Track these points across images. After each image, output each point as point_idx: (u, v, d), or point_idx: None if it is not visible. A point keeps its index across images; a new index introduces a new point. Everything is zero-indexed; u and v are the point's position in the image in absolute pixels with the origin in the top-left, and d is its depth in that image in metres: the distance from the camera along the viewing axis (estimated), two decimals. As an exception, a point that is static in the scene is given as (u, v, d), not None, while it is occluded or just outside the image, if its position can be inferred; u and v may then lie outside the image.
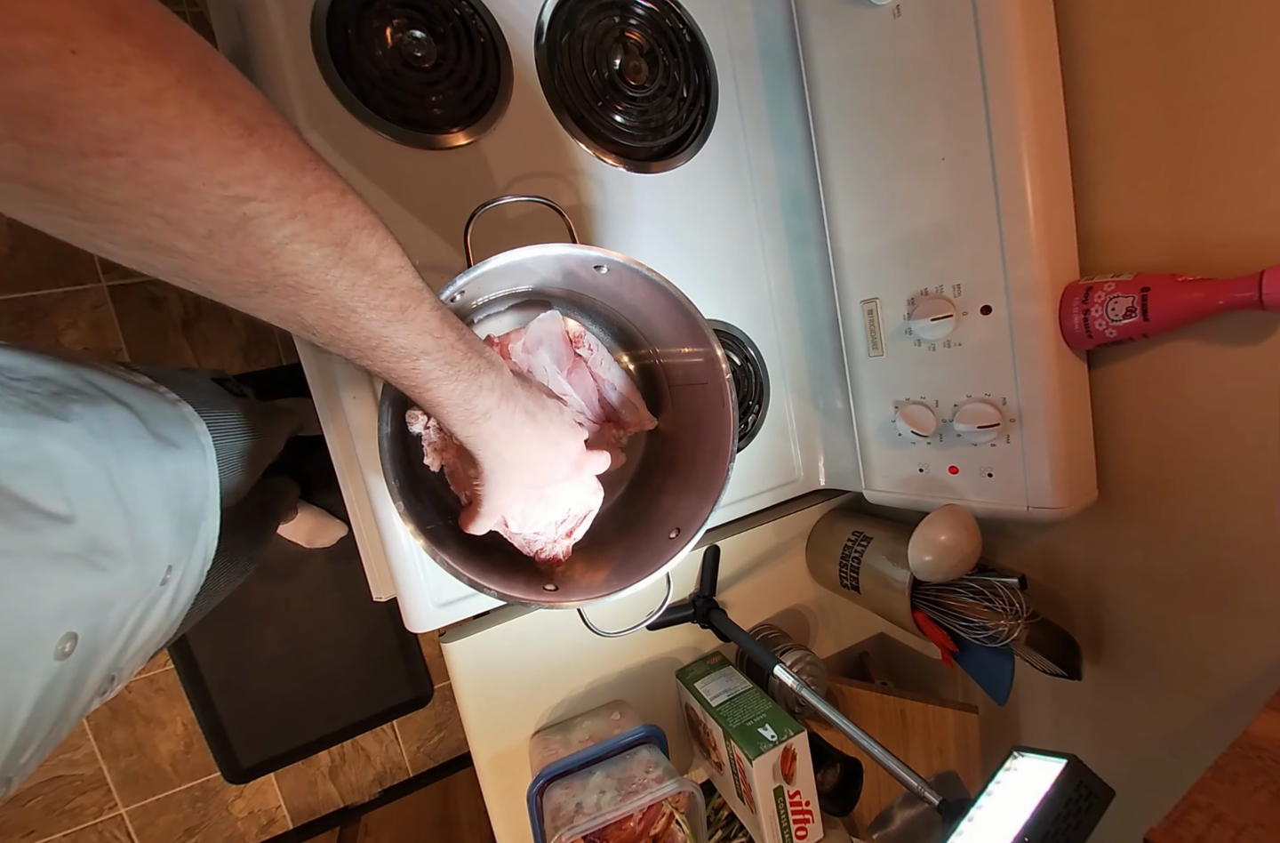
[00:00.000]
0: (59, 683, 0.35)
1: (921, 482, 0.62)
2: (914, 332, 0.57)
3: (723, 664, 0.68)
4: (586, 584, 0.47)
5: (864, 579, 0.68)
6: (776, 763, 0.55)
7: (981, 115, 0.49)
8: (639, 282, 0.45)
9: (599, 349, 0.52)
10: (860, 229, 0.60)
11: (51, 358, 0.43)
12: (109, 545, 0.38)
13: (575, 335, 0.51)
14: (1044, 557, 0.67)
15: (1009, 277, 0.51)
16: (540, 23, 0.56)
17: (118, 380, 0.47)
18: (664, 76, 0.61)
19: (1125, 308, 0.47)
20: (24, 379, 0.39)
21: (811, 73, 0.59)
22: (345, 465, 0.58)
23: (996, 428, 0.53)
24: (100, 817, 1.25)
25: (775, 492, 0.72)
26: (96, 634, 0.38)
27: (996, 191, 0.50)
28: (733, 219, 0.67)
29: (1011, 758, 0.41)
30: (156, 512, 0.44)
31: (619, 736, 0.59)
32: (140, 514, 0.42)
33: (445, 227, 0.53)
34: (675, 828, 0.54)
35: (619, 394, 0.53)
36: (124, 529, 0.40)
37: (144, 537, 0.42)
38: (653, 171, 0.62)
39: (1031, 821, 0.35)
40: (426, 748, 1.46)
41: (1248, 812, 0.36)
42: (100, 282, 1.13)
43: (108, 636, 0.39)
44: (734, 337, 0.68)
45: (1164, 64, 0.47)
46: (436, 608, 0.56)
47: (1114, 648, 0.64)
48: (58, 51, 0.16)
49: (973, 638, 0.59)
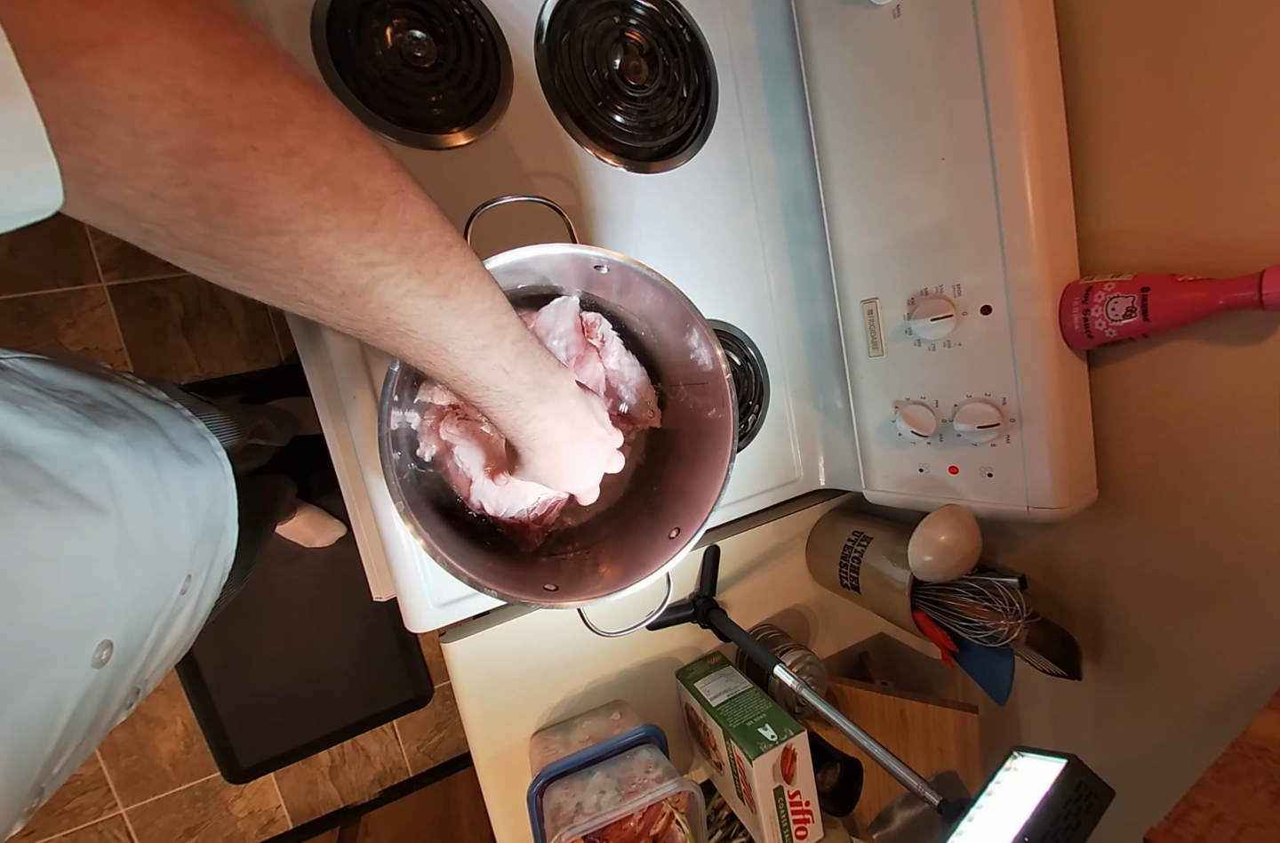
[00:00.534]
0: (94, 692, 0.35)
1: (921, 482, 0.62)
2: (914, 332, 0.57)
3: (723, 664, 0.68)
4: (586, 584, 0.47)
5: (864, 579, 0.68)
6: (776, 763, 0.55)
7: (981, 115, 0.49)
8: (639, 281, 0.45)
9: (613, 341, 0.52)
10: (860, 229, 0.60)
11: (81, 372, 0.44)
12: (140, 551, 0.39)
13: (589, 324, 0.51)
14: (1044, 557, 0.67)
15: (1009, 277, 0.51)
16: (540, 23, 0.56)
17: (140, 396, 0.48)
18: (664, 76, 0.61)
19: (1125, 308, 0.47)
20: (60, 391, 0.40)
21: (811, 73, 0.59)
22: (345, 465, 0.58)
23: (996, 428, 0.53)
24: (100, 817, 1.25)
25: (775, 492, 0.72)
26: (128, 643, 0.38)
27: (996, 191, 0.50)
28: (733, 219, 0.67)
29: (1011, 758, 0.41)
30: (182, 522, 0.45)
31: (619, 736, 0.59)
32: (169, 523, 0.43)
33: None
34: (675, 828, 0.54)
35: (630, 389, 0.53)
36: (154, 537, 0.41)
37: (169, 546, 0.43)
38: (653, 171, 0.62)
39: (1031, 821, 0.35)
40: (426, 748, 1.46)
41: (1248, 812, 0.36)
42: (100, 282, 1.13)
43: (135, 645, 0.39)
44: (734, 337, 0.68)
45: (1164, 64, 0.47)
46: (436, 608, 0.56)
47: (1114, 648, 0.64)
48: (243, 148, 0.19)
49: (973, 638, 0.59)
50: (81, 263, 1.12)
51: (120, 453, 0.39)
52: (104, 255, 1.12)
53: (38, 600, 0.30)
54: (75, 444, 0.36)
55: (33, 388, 0.38)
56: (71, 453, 0.35)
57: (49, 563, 0.31)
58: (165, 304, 1.17)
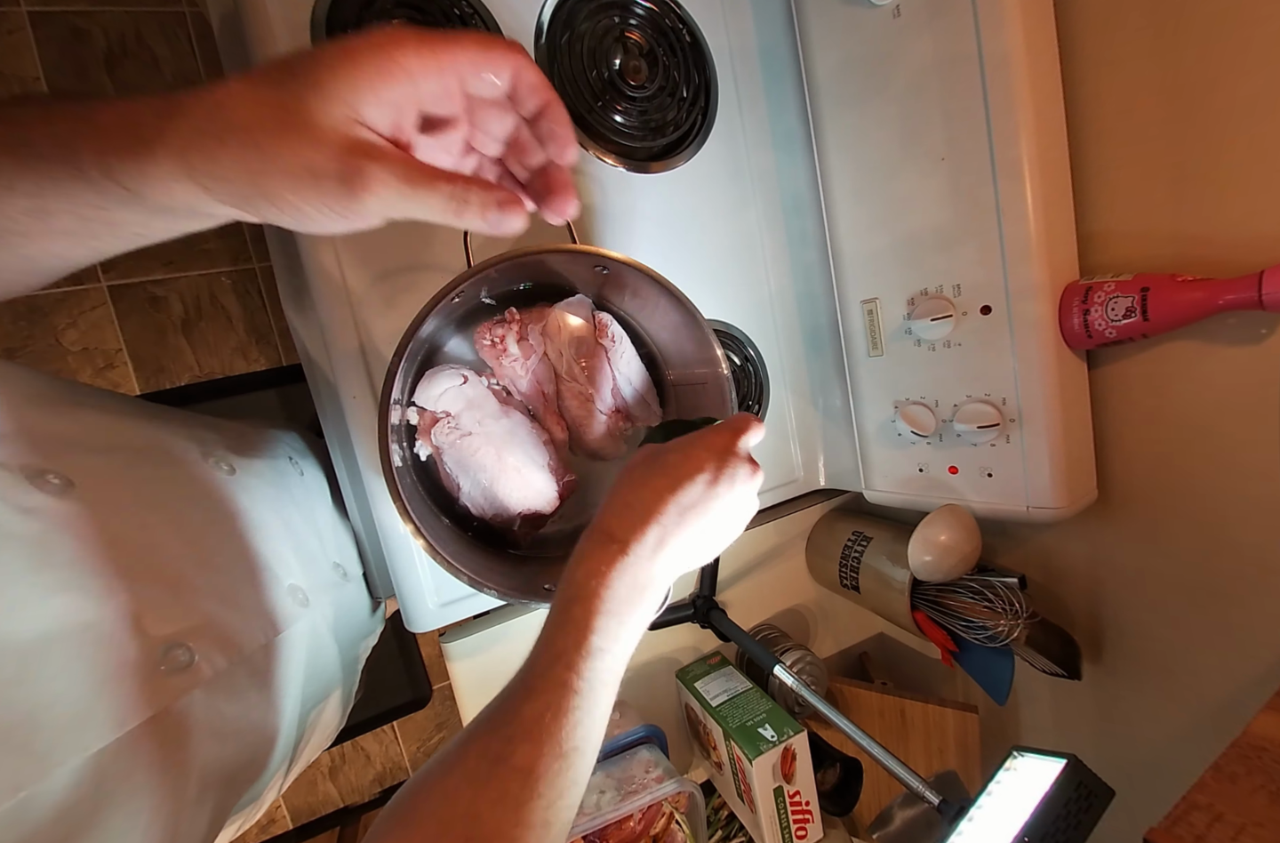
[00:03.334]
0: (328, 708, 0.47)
1: (921, 482, 0.62)
2: (914, 332, 0.57)
3: (723, 664, 0.68)
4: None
5: (864, 579, 0.68)
6: (776, 763, 0.55)
7: (981, 115, 0.49)
8: (639, 282, 0.45)
9: (622, 342, 0.52)
10: (860, 229, 0.60)
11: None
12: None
13: (601, 324, 0.51)
14: (1044, 557, 0.67)
15: (1009, 277, 0.51)
16: (540, 23, 0.56)
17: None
18: (664, 76, 0.61)
19: (1125, 308, 0.47)
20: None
21: (811, 73, 0.59)
22: (345, 465, 0.58)
23: (996, 428, 0.53)
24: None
25: (775, 492, 0.72)
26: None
27: (996, 191, 0.50)
28: (733, 219, 0.67)
29: (1011, 758, 0.41)
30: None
31: (619, 736, 0.59)
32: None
33: (446, 227, 0.53)
34: (675, 828, 0.54)
35: (634, 390, 0.53)
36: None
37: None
38: (653, 171, 0.62)
39: (1031, 821, 0.35)
40: (426, 748, 1.46)
41: (1248, 812, 0.36)
42: (100, 282, 1.13)
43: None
44: (734, 337, 0.68)
45: (1164, 64, 0.47)
46: (436, 608, 0.56)
47: (1114, 648, 0.64)
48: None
49: (973, 638, 0.59)
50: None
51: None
52: (104, 255, 1.12)
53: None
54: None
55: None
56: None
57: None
58: (165, 304, 1.17)
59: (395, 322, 0.51)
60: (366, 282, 0.51)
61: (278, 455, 0.55)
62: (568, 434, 0.53)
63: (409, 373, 0.47)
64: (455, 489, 0.49)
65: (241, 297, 1.21)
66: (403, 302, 0.52)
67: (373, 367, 0.52)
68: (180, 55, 1.17)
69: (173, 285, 1.17)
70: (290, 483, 0.54)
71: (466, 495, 0.49)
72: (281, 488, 0.52)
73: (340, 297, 0.51)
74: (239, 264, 1.21)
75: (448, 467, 0.49)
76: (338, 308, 0.51)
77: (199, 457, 0.44)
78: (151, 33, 1.15)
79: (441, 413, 0.48)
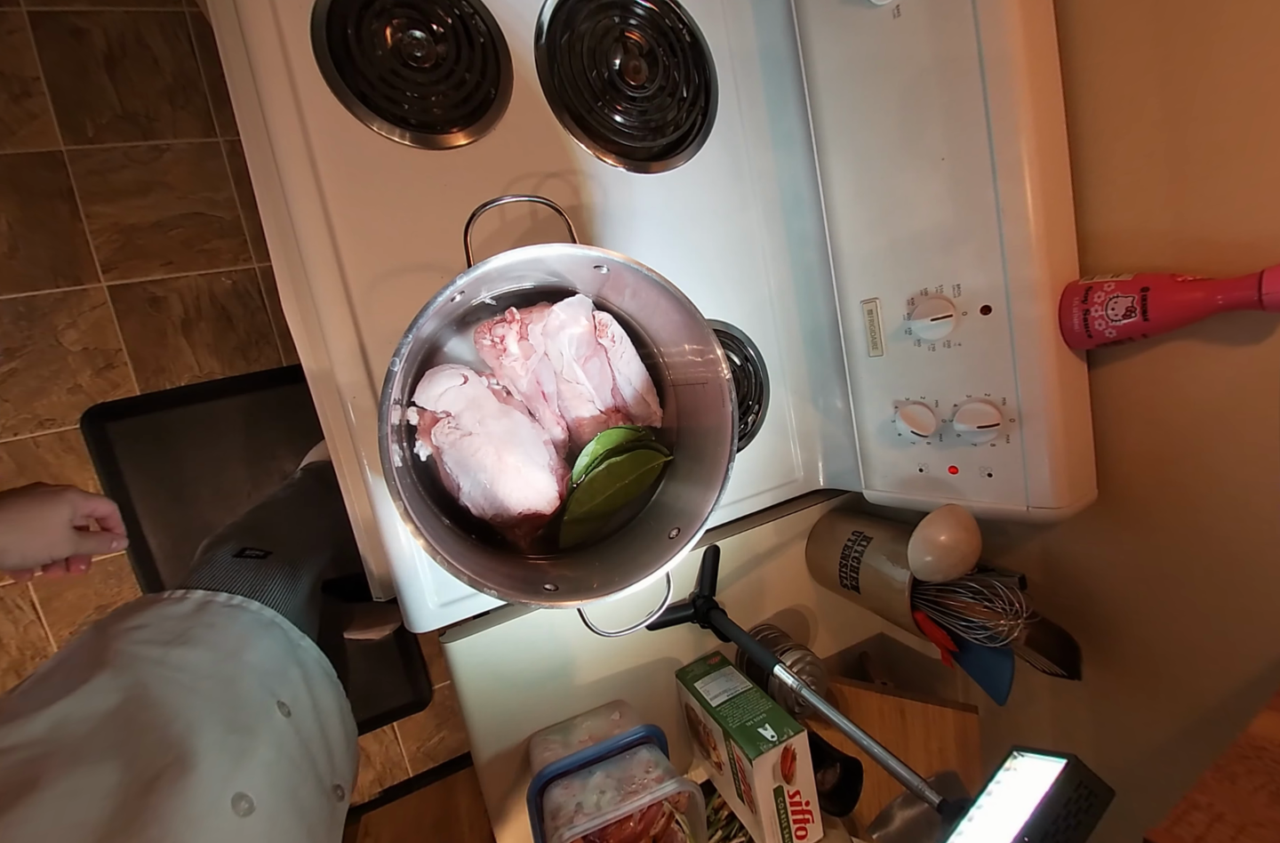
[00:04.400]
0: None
1: (921, 482, 0.62)
2: (914, 332, 0.57)
3: (723, 664, 0.68)
4: (586, 584, 0.47)
5: (864, 579, 0.68)
6: (776, 763, 0.55)
7: (981, 115, 0.49)
8: (639, 282, 0.45)
9: (622, 342, 0.52)
10: (860, 229, 0.60)
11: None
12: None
13: (600, 324, 0.51)
14: (1044, 557, 0.67)
15: (1009, 277, 0.51)
16: (540, 23, 0.56)
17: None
18: (664, 76, 0.61)
19: (1125, 308, 0.47)
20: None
21: (811, 73, 0.59)
22: (345, 466, 0.58)
23: (996, 428, 0.53)
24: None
25: (775, 492, 0.72)
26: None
27: (996, 191, 0.50)
28: (733, 219, 0.67)
29: (1011, 758, 0.41)
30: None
31: (619, 736, 0.59)
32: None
33: (446, 227, 0.53)
34: (675, 828, 0.54)
35: (633, 390, 0.53)
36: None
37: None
38: (653, 171, 0.62)
39: (1031, 821, 0.35)
40: (426, 748, 1.46)
41: (1248, 812, 0.36)
42: (100, 282, 1.13)
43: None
44: (734, 337, 0.68)
45: (1164, 64, 0.47)
46: (437, 608, 0.56)
47: (1113, 648, 0.64)
48: None
49: (973, 638, 0.59)
50: (81, 263, 1.12)
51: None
52: (104, 255, 1.13)
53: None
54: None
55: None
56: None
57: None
58: (165, 304, 1.17)
59: (395, 322, 0.51)
60: (366, 282, 0.51)
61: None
62: (568, 434, 0.53)
63: (409, 373, 0.47)
64: (455, 489, 0.49)
65: (241, 297, 1.21)
66: (403, 302, 0.52)
67: (373, 367, 0.52)
68: (180, 55, 1.17)
69: (173, 285, 1.17)
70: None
71: (467, 495, 0.49)
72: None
73: (340, 297, 0.51)
74: (239, 264, 1.21)
75: (448, 467, 0.49)
76: (338, 308, 0.51)
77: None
78: (151, 33, 1.15)
79: (442, 413, 0.48)
